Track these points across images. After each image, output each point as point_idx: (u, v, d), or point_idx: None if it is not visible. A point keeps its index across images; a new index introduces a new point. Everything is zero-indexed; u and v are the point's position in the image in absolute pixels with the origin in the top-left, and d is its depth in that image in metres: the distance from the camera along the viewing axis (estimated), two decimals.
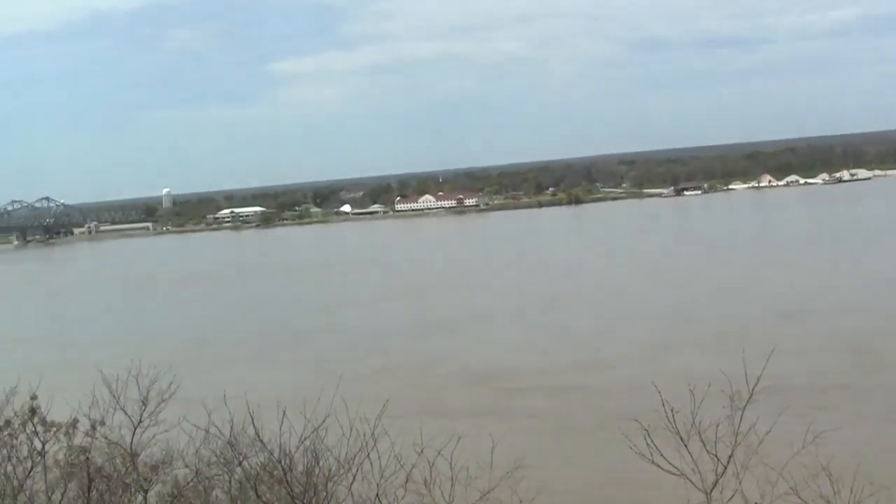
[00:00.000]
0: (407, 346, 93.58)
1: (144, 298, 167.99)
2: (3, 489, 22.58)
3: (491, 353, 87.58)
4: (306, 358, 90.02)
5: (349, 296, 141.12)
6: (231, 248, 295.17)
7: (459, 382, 76.42)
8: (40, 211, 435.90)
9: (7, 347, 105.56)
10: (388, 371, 79.77)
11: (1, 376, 24.05)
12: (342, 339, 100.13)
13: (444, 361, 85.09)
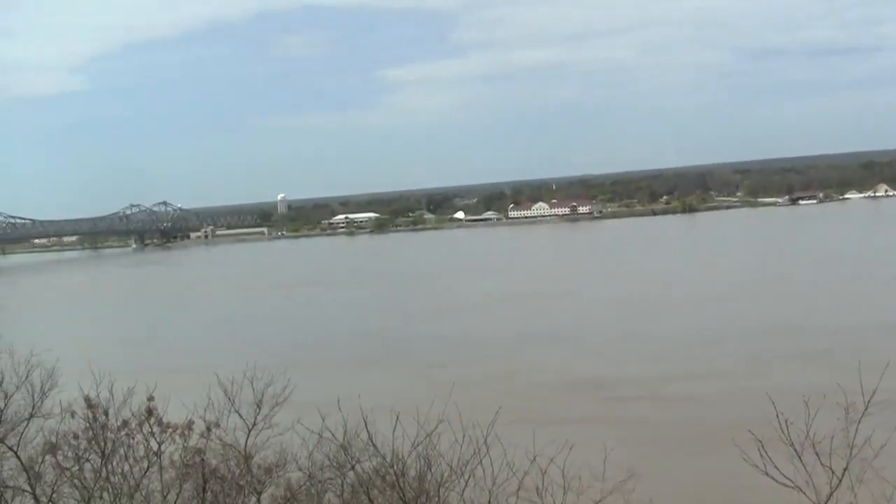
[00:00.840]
0: (512, 354, 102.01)
1: (258, 302, 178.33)
2: (121, 488, 25.76)
3: (595, 361, 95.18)
4: (415, 364, 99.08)
5: (457, 302, 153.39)
6: (344, 254, 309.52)
7: (563, 391, 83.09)
8: (158, 215, 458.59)
9: (123, 349, 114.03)
10: (494, 378, 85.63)
11: (118, 378, 28.17)
12: (449, 346, 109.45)
13: (549, 369, 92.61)
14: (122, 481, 25.70)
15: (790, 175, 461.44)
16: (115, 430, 26.08)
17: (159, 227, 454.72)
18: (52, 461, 26.25)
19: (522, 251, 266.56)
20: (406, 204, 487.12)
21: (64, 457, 26.24)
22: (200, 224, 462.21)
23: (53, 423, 26.67)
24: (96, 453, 26.11)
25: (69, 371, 27.94)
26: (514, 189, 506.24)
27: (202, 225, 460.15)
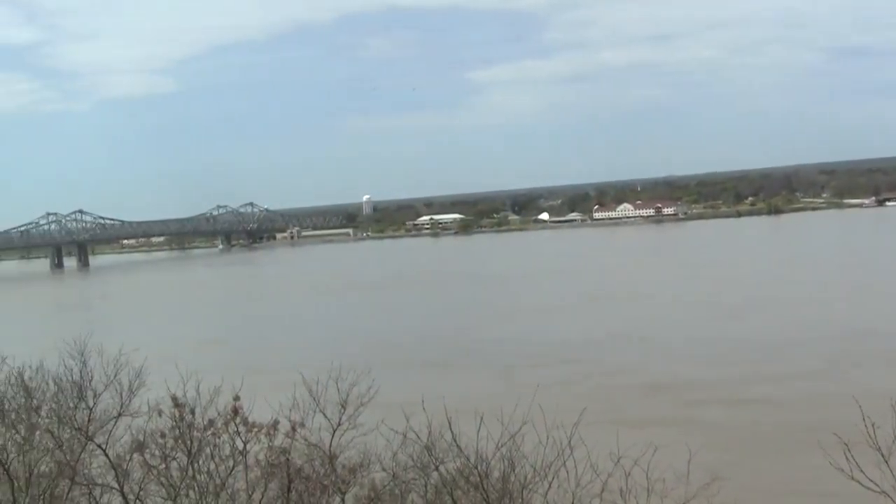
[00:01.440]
0: (592, 355, 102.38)
1: (342, 303, 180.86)
2: (207, 486, 26.23)
3: (676, 363, 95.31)
4: (494, 365, 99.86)
5: (538, 304, 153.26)
6: (428, 255, 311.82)
7: (644, 393, 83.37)
8: (244, 216, 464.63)
9: (209, 349, 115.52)
10: (574, 380, 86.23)
11: (204, 377, 28.54)
12: (529, 348, 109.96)
13: (629, 371, 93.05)
14: (207, 480, 26.13)
15: (877, 176, 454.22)
16: (201, 429, 26.50)
17: (246, 227, 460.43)
18: (139, 459, 26.72)
19: (606, 252, 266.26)
20: (491, 205, 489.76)
21: (151, 455, 26.71)
22: (286, 225, 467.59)
23: (141, 421, 27.20)
24: (183, 452, 26.54)
25: (156, 370, 28.41)
26: (599, 190, 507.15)
27: (288, 226, 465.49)
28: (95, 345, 27.98)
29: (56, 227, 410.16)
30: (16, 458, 26.37)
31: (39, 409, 28.10)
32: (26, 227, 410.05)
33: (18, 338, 68.42)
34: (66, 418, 27.28)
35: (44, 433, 27.62)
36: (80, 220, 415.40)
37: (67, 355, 27.54)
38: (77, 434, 26.81)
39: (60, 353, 27.78)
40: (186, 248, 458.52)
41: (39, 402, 28.14)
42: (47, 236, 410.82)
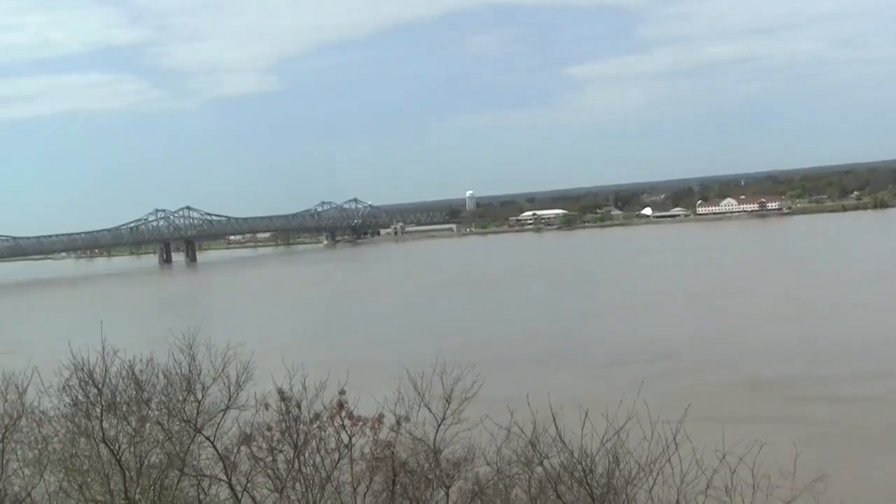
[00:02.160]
0: (692, 352, 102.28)
1: (444, 298, 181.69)
2: (313, 479, 26.57)
3: (775, 359, 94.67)
4: (596, 360, 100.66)
5: (638, 300, 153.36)
6: (531, 251, 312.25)
7: (745, 389, 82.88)
8: (348, 212, 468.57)
9: (315, 343, 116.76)
10: (675, 376, 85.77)
11: (310, 371, 28.87)
12: (628, 344, 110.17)
13: (728, 368, 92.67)
14: (313, 473, 26.57)
15: None
16: (307, 422, 26.94)
17: (350, 223, 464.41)
18: (246, 451, 27.21)
19: (708, 248, 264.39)
20: (593, 200, 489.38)
21: (258, 448, 27.20)
22: (390, 221, 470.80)
23: (248, 414, 27.68)
24: (289, 445, 26.99)
25: (263, 364, 28.86)
26: (702, 185, 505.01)
27: (392, 222, 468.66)
28: (203, 339, 28.44)
29: (164, 224, 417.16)
30: (127, 449, 27.00)
31: (150, 401, 28.67)
32: (136, 223, 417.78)
33: (129, 331, 69.74)
34: (175, 411, 27.83)
35: (154, 425, 28.23)
36: (187, 216, 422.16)
37: (176, 349, 28.08)
38: (186, 426, 27.36)
39: (170, 346, 28.33)
40: (291, 243, 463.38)
41: (150, 395, 28.70)
42: (156, 232, 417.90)
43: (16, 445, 29.30)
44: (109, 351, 27.66)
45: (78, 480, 27.33)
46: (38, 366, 29.20)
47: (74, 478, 27.59)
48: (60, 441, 29.34)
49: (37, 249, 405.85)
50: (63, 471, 28.23)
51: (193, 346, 28.07)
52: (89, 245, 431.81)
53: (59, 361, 28.55)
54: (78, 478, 27.41)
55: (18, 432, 29.17)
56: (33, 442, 29.68)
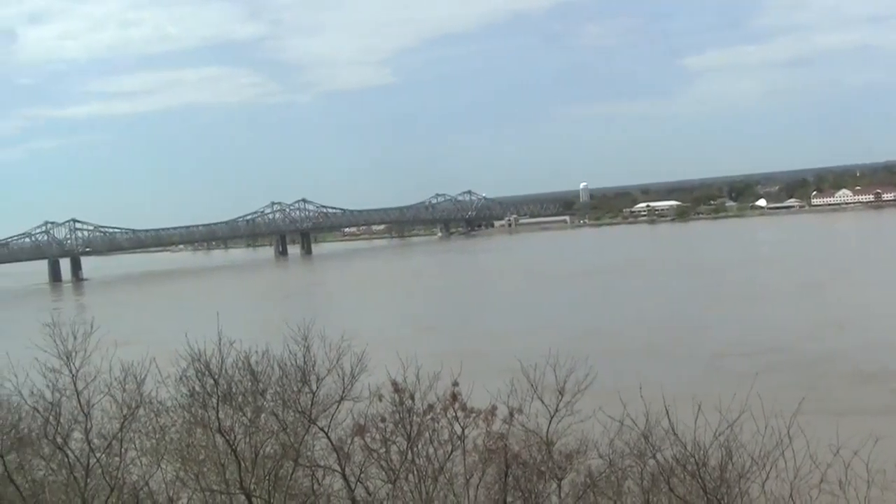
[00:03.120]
0: (802, 344, 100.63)
1: (557, 289, 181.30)
2: (426, 470, 26.55)
3: (887, 353, 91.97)
4: (707, 352, 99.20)
5: (750, 292, 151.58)
6: (644, 242, 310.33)
7: (857, 382, 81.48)
8: (463, 204, 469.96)
9: (428, 334, 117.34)
10: (785, 368, 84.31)
11: (424, 363, 29.12)
12: (740, 334, 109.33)
13: (840, 360, 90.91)
14: (426, 464, 26.86)
15: None
16: (420, 413, 27.21)
17: (464, 215, 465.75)
18: (360, 443, 27.61)
19: (822, 239, 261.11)
20: (707, 192, 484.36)
21: (371, 439, 27.58)
22: (504, 213, 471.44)
23: (362, 406, 28.04)
24: (402, 436, 27.32)
25: (377, 355, 29.18)
26: (817, 176, 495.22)
27: (506, 213, 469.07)
28: (318, 330, 28.83)
29: (280, 216, 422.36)
30: (242, 439, 27.51)
31: (265, 392, 29.18)
32: (252, 216, 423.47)
33: (245, 323, 70.83)
34: (290, 402, 28.30)
35: (269, 416, 28.73)
36: (303, 209, 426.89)
37: (292, 340, 28.51)
38: (301, 417, 27.80)
39: (285, 338, 28.79)
40: (406, 235, 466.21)
41: (265, 386, 29.21)
42: (272, 225, 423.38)
43: (134, 435, 29.96)
44: (226, 342, 28.16)
45: (194, 470, 27.92)
46: (156, 356, 29.80)
47: (191, 467, 28.18)
48: (177, 431, 29.99)
49: (155, 242, 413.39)
50: (180, 460, 28.85)
51: (308, 337, 28.46)
52: (206, 237, 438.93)
53: (177, 352, 29.16)
54: (194, 467, 27.99)
55: (137, 422, 29.83)
56: (151, 431, 30.34)
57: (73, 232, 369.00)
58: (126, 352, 32.80)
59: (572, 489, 25.74)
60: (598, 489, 25.34)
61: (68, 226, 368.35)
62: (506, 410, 26.50)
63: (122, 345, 36.57)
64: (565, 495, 25.79)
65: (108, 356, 30.21)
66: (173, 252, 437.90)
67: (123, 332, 71.28)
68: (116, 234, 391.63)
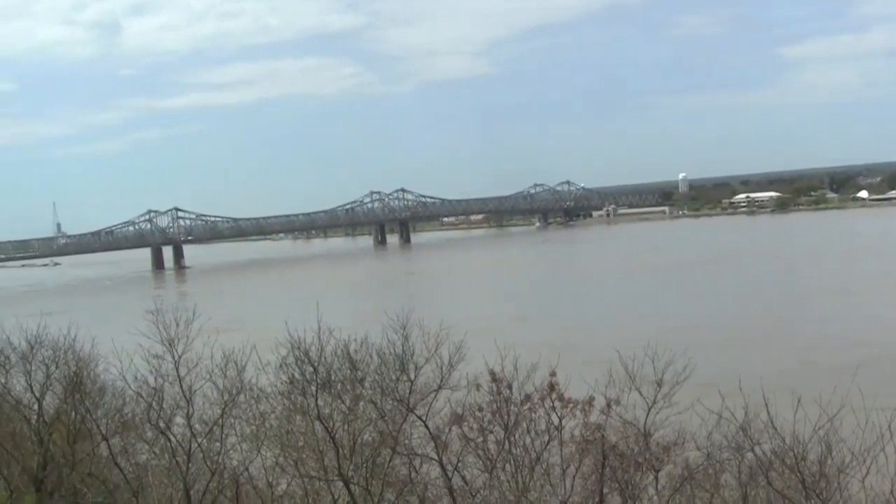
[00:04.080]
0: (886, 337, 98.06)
1: (654, 280, 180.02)
2: (522, 460, 26.54)
3: None
4: (806, 345, 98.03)
5: (850, 283, 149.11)
6: (744, 233, 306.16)
7: None
8: (561, 194, 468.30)
9: (526, 324, 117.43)
10: (878, 362, 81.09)
11: (521, 353, 29.21)
12: (840, 327, 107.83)
13: None
14: (523, 454, 27.01)
15: None
16: (518, 403, 27.32)
17: (562, 205, 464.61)
18: (457, 432, 27.81)
19: None
20: (808, 183, 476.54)
21: (469, 428, 27.77)
22: (602, 203, 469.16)
23: (460, 395, 28.17)
24: (499, 425, 27.48)
25: (475, 345, 29.27)
26: None
27: (604, 204, 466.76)
28: (416, 319, 29.04)
29: (379, 206, 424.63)
30: (341, 426, 27.84)
31: (363, 380, 29.49)
32: (351, 205, 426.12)
33: (344, 311, 71.47)
34: (388, 390, 28.58)
35: (367, 404, 29.04)
36: (402, 198, 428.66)
37: (390, 329, 28.73)
38: (399, 405, 28.07)
39: (383, 326, 29.02)
40: (504, 225, 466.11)
41: (364, 374, 29.52)
42: (371, 214, 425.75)
43: (234, 421, 30.50)
44: (325, 330, 28.47)
45: (293, 456, 28.33)
46: (257, 344, 30.25)
47: (290, 454, 28.60)
48: (277, 417, 30.44)
49: (256, 230, 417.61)
50: (279, 446, 29.30)
51: (407, 326, 28.65)
52: (306, 226, 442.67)
53: (277, 340, 29.55)
54: (293, 454, 28.41)
55: (237, 408, 30.38)
56: (251, 418, 30.84)
57: (175, 220, 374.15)
58: (227, 339, 33.34)
59: (669, 481, 25.74)
60: (695, 482, 25.31)
61: (171, 214, 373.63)
62: (603, 401, 26.55)
63: (222, 332, 37.17)
64: (662, 487, 25.78)
65: (210, 343, 30.78)
66: (273, 240, 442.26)
67: (224, 320, 72.33)
68: (218, 222, 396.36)
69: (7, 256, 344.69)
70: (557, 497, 26.01)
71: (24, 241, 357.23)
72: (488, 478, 27.23)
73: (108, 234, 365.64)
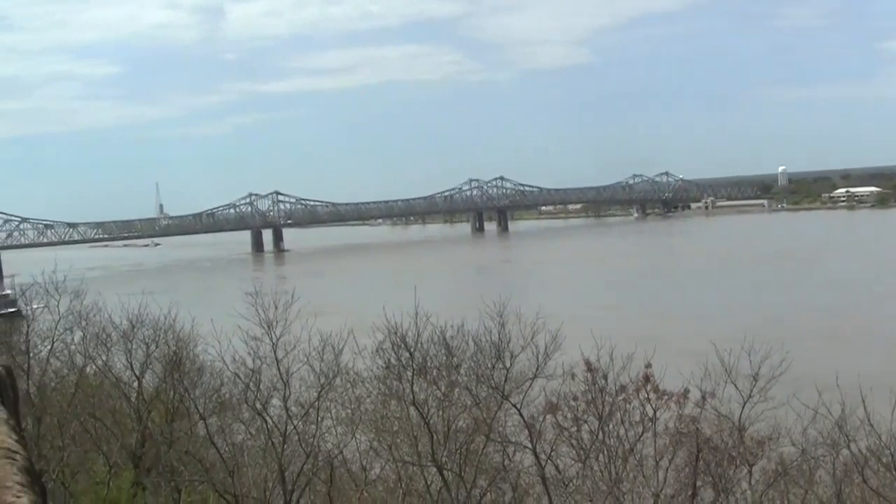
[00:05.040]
0: None
1: (753, 274, 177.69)
2: (616, 450, 27.00)
3: None
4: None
5: None
6: (841, 228, 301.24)
7: None
8: (660, 185, 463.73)
9: (623, 315, 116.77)
10: None
11: (618, 343, 29.16)
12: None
13: None
14: (616, 444, 27.01)
15: None
16: (612, 394, 27.31)
17: (660, 197, 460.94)
18: (552, 420, 27.90)
19: None
20: None
21: (563, 417, 27.85)
22: (701, 195, 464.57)
23: (555, 384, 28.20)
24: (594, 415, 27.53)
25: (571, 334, 29.24)
26: None
27: (702, 196, 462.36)
28: (513, 307, 29.09)
29: (478, 193, 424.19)
30: (436, 412, 27.98)
31: (459, 367, 29.67)
32: (450, 192, 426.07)
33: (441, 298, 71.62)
34: (483, 377, 28.71)
35: (462, 390, 29.18)
36: (500, 186, 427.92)
37: (487, 317, 28.82)
38: (494, 393, 28.18)
39: (480, 314, 29.13)
40: (602, 215, 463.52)
41: (459, 361, 29.70)
42: (469, 202, 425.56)
43: (330, 404, 30.80)
44: (422, 316, 28.62)
45: (388, 441, 28.58)
46: (353, 328, 30.50)
47: (384, 438, 28.87)
48: (372, 402, 30.77)
49: (355, 215, 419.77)
50: (374, 431, 29.59)
51: (504, 314, 28.72)
52: (405, 212, 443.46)
53: (373, 324, 29.74)
54: (388, 438, 28.66)
55: (333, 391, 30.64)
56: (347, 401, 31.16)
57: (275, 204, 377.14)
58: (324, 322, 33.64)
59: (763, 476, 25.64)
60: (789, 477, 25.20)
61: (271, 198, 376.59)
62: (698, 394, 26.46)
63: (320, 315, 37.50)
64: (755, 482, 25.67)
65: (308, 326, 31.03)
66: (372, 226, 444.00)
67: (321, 303, 72.86)
68: (317, 206, 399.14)
69: (111, 236, 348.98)
70: (650, 489, 25.99)
71: (127, 221, 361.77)
72: (581, 467, 27.30)
73: (209, 216, 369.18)
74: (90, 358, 36.83)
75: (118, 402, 35.43)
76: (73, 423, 33.41)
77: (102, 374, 36.73)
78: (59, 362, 38.17)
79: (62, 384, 36.95)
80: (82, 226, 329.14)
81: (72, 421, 33.37)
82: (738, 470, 25.60)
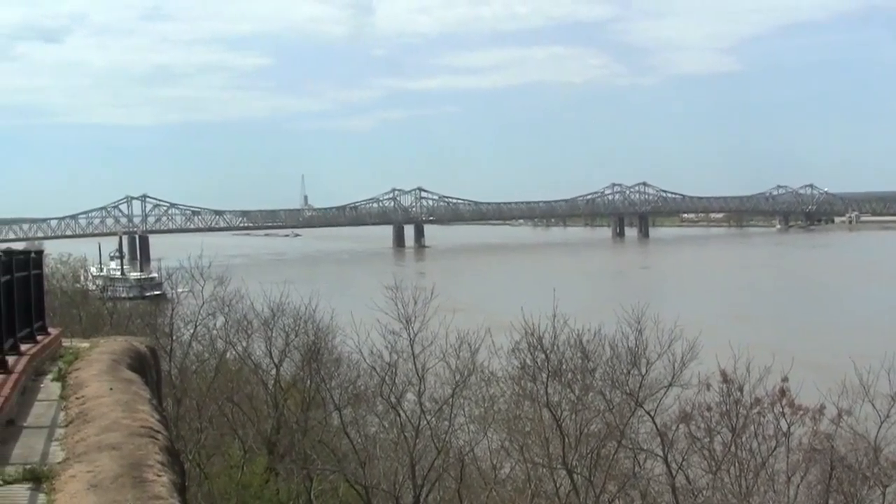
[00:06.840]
0: None
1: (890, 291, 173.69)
2: (748, 464, 26.61)
3: None
4: None
5: None
6: None
7: None
8: (803, 197, 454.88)
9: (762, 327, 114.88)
10: None
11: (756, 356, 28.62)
12: None
13: None
14: (748, 458, 26.70)
15: None
16: (747, 406, 26.99)
17: (804, 209, 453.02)
18: (684, 430, 27.61)
19: None
20: None
21: (696, 427, 27.54)
22: (845, 209, 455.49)
23: (689, 393, 27.94)
24: (727, 427, 27.21)
25: (708, 343, 28.92)
26: None
27: (847, 209, 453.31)
28: (650, 314, 28.87)
29: (620, 198, 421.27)
30: (568, 416, 27.92)
31: (594, 371, 29.58)
32: (592, 195, 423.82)
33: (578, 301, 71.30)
34: (618, 383, 28.62)
35: (596, 395, 29.07)
36: (643, 192, 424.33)
37: (624, 322, 28.65)
38: (627, 399, 28.07)
39: (618, 319, 28.98)
40: (744, 225, 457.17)
41: (594, 365, 29.62)
42: (611, 206, 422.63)
43: (464, 402, 30.89)
44: (559, 318, 28.56)
45: (519, 441, 28.63)
46: (490, 327, 30.56)
47: (516, 438, 28.92)
48: (505, 402, 30.84)
49: (496, 215, 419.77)
50: (506, 430, 29.65)
51: (641, 320, 28.54)
52: (546, 214, 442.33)
53: (511, 324, 29.75)
54: (519, 439, 28.71)
55: (467, 389, 30.73)
56: (480, 400, 31.27)
57: (418, 200, 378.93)
58: (462, 319, 33.75)
59: None
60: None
61: (414, 194, 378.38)
62: (834, 411, 25.96)
63: (457, 312, 37.64)
64: (889, 503, 25.11)
65: (445, 323, 31.16)
66: (512, 226, 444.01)
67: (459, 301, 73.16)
68: (459, 204, 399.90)
69: (255, 225, 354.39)
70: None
71: (272, 210, 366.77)
72: (712, 479, 27.01)
73: (352, 209, 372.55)
74: (231, 343, 37.53)
75: (255, 388, 35.99)
76: (212, 406, 34.09)
77: (242, 360, 37.37)
78: (200, 346, 39.00)
79: (202, 368, 37.76)
80: (228, 213, 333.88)
81: (210, 404, 34.05)
82: (871, 490, 25.11)
